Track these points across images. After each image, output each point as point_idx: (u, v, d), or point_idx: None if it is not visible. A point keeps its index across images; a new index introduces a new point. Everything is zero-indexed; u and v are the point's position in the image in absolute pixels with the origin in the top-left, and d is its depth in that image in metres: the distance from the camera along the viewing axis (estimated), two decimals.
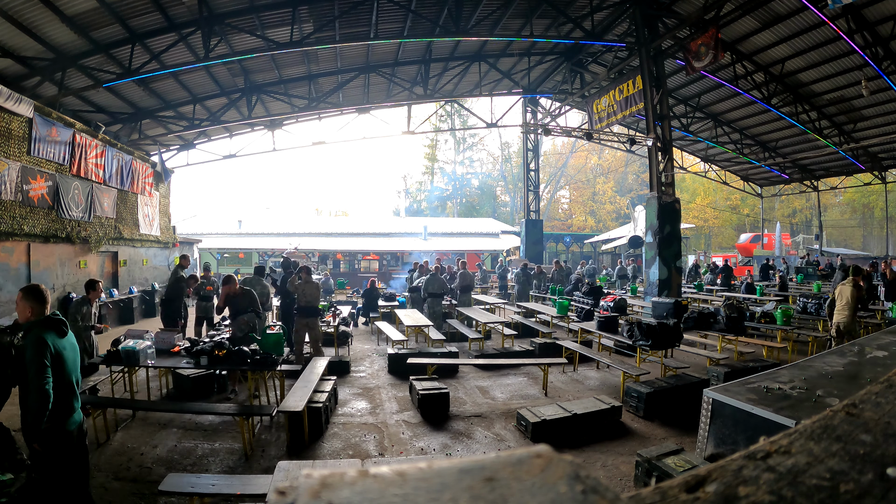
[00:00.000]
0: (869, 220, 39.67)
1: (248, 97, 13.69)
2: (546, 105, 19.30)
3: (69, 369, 2.88)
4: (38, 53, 9.16)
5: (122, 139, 13.18)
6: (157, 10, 9.17)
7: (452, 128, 39.50)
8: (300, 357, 7.17)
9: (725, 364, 6.75)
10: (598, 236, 30.45)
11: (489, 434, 5.09)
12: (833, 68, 13.27)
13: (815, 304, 9.30)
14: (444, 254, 24.20)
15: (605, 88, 13.73)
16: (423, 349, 8.40)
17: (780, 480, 0.42)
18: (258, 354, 5.42)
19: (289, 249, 19.50)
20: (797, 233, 35.91)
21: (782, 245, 26.01)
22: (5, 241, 8.58)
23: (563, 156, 43.18)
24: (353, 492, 0.36)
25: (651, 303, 9.20)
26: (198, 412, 5.15)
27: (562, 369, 7.53)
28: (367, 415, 5.67)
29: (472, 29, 11.81)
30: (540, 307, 11.81)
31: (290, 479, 2.33)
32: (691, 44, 10.68)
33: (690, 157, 24.13)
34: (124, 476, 4.02)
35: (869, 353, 4.45)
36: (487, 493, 0.36)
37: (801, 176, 22.81)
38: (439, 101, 17.86)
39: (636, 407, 5.58)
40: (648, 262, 11.33)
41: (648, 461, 3.64)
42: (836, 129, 16.79)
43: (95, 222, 11.51)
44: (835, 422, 0.51)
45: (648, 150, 11.52)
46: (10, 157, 8.78)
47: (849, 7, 10.20)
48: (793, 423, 2.85)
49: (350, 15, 10.80)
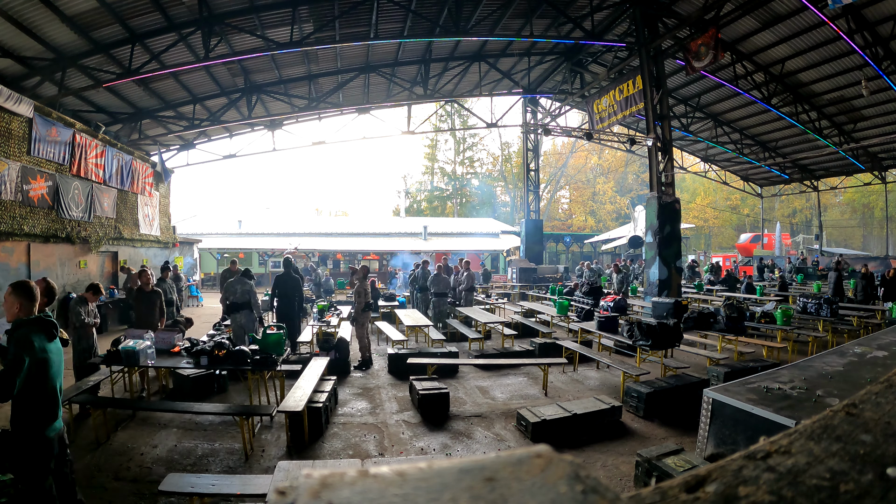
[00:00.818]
0: (869, 220, 39.67)
1: (248, 97, 13.69)
2: (546, 105, 19.31)
3: (53, 374, 2.70)
4: (38, 53, 9.16)
5: (122, 139, 13.18)
6: (157, 10, 9.17)
7: (452, 128, 39.53)
8: (366, 355, 7.81)
9: (725, 364, 6.75)
10: (598, 236, 30.45)
11: (489, 434, 5.09)
12: (833, 68, 13.28)
13: (815, 304, 9.31)
14: (445, 254, 24.23)
15: (606, 88, 13.73)
16: (423, 349, 8.40)
17: (780, 480, 0.42)
18: (258, 354, 5.42)
19: (289, 249, 19.51)
20: (797, 233, 35.93)
21: (782, 245, 26.03)
22: (5, 241, 8.58)
23: (563, 156, 43.20)
24: (353, 492, 0.36)
25: (651, 303, 9.20)
26: (198, 412, 5.15)
27: (562, 369, 7.53)
28: (367, 415, 5.67)
29: (472, 29, 11.82)
30: (540, 307, 11.81)
31: (290, 479, 2.33)
32: (691, 44, 10.69)
33: (690, 157, 24.14)
34: (124, 476, 4.02)
35: (869, 353, 4.45)
36: (487, 493, 0.36)
37: (801, 176, 22.82)
38: (439, 101, 17.87)
39: (636, 407, 5.58)
40: (648, 262, 11.34)
41: (648, 461, 3.64)
42: (836, 129, 16.80)
43: (95, 222, 11.52)
44: (835, 422, 0.51)
45: (648, 150, 11.52)
46: (11, 157, 8.78)
47: (849, 7, 10.20)
48: (793, 423, 2.85)
49: (350, 15, 10.80)
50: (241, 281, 7.53)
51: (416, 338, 9.90)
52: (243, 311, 7.37)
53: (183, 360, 5.46)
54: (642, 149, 17.60)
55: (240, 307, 7.37)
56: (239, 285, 7.46)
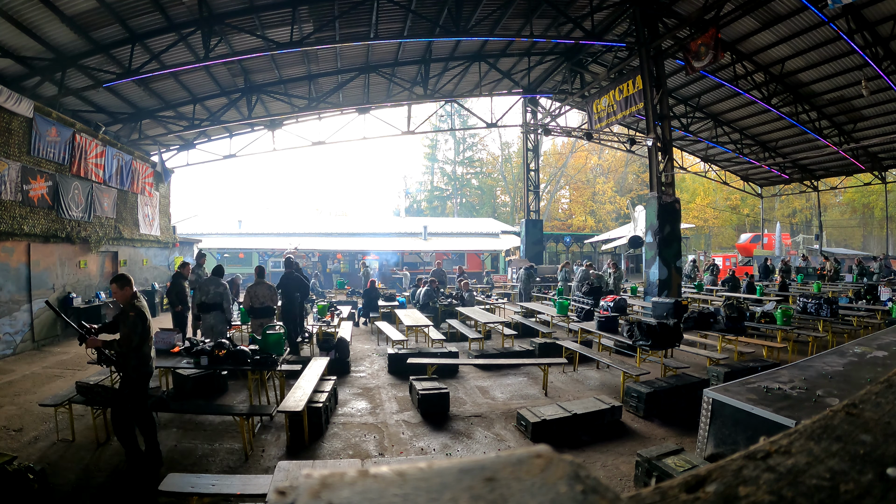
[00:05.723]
0: (869, 220, 39.65)
1: (248, 97, 13.69)
2: (546, 105, 19.31)
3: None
4: (38, 53, 9.16)
5: (122, 139, 13.18)
6: (157, 10, 9.16)
7: (452, 128, 39.52)
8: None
9: (725, 364, 6.75)
10: (598, 236, 30.43)
11: (489, 434, 5.09)
12: (833, 68, 13.28)
13: (815, 304, 9.31)
14: (445, 254, 24.23)
15: (605, 88, 13.73)
16: (422, 349, 8.40)
17: (780, 480, 0.42)
18: (258, 354, 5.42)
19: (289, 249, 19.51)
20: (797, 233, 35.91)
21: (782, 245, 26.00)
22: (5, 241, 8.58)
23: (563, 156, 43.17)
24: (353, 492, 0.36)
25: (651, 303, 9.21)
26: (197, 412, 5.15)
27: (562, 369, 7.53)
28: (367, 415, 5.67)
29: (472, 29, 11.82)
30: (540, 307, 11.81)
31: (290, 479, 2.32)
32: (691, 44, 10.68)
33: (690, 157, 24.13)
34: (124, 476, 4.02)
35: (869, 353, 4.45)
36: (487, 493, 0.36)
37: (801, 176, 22.82)
38: (439, 101, 17.85)
39: (636, 407, 5.58)
40: (648, 262, 11.34)
41: (648, 461, 3.64)
42: (836, 129, 16.80)
43: (95, 222, 11.51)
44: (835, 422, 0.51)
45: (648, 150, 11.52)
46: (10, 157, 8.78)
47: (849, 7, 10.20)
48: (793, 423, 2.85)
49: (350, 15, 10.79)
50: (215, 281, 7.46)
51: (416, 338, 9.90)
52: (214, 311, 7.33)
53: (183, 360, 5.46)
54: (642, 149, 17.61)
55: (210, 308, 7.33)
56: (212, 285, 7.38)
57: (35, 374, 7.35)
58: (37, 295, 9.27)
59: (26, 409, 5.62)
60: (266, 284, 7.71)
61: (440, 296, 12.15)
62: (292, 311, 8.14)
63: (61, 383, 6.65)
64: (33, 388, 6.52)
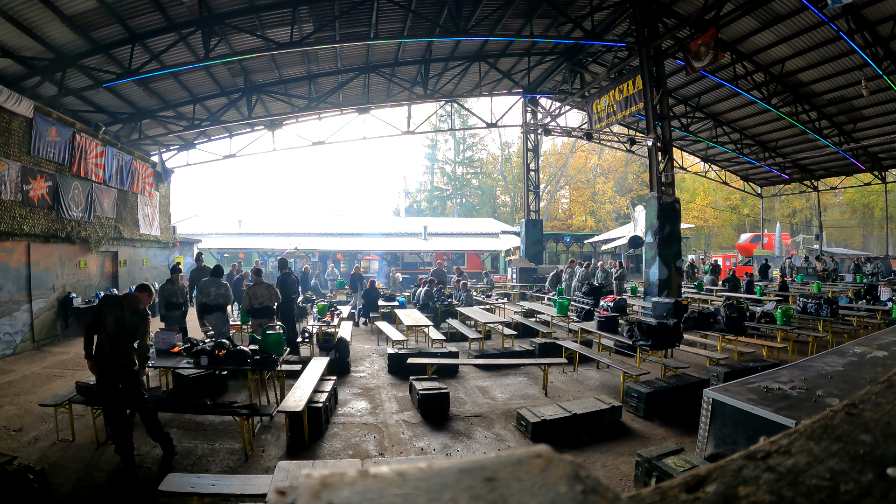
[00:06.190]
0: (869, 220, 39.64)
1: (248, 97, 13.68)
2: (546, 105, 19.30)
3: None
4: (38, 53, 9.16)
5: (122, 139, 13.17)
6: (157, 10, 9.16)
7: (452, 128, 39.52)
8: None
9: (725, 364, 6.74)
10: (598, 236, 30.43)
11: (489, 434, 5.09)
12: (833, 68, 13.27)
13: (815, 305, 9.30)
14: (444, 254, 24.22)
15: (605, 88, 13.73)
16: (422, 349, 8.40)
17: (780, 480, 0.42)
18: (258, 354, 5.42)
19: (289, 249, 19.52)
20: (797, 233, 35.93)
21: (782, 245, 26.00)
22: (5, 241, 8.58)
23: (563, 156, 43.17)
24: (353, 492, 0.36)
25: (651, 303, 9.21)
26: (197, 412, 5.15)
27: (562, 369, 7.53)
28: (367, 415, 5.67)
29: (472, 29, 11.81)
30: (540, 307, 11.81)
31: (290, 479, 2.32)
32: (691, 44, 10.68)
33: (690, 157, 24.12)
34: (124, 476, 4.02)
35: (869, 353, 4.45)
36: (487, 494, 0.36)
37: (801, 176, 22.81)
38: (439, 101, 17.85)
39: (636, 407, 5.58)
40: (648, 262, 11.34)
41: (648, 461, 3.64)
42: (836, 129, 16.79)
43: (95, 222, 11.51)
44: (835, 422, 0.51)
45: (648, 150, 11.52)
46: (10, 157, 8.78)
47: (849, 7, 10.20)
48: (793, 423, 2.85)
49: (350, 15, 10.79)
50: (216, 282, 7.45)
51: (416, 338, 9.90)
52: (216, 312, 7.33)
53: (183, 360, 5.46)
54: (642, 149, 17.61)
55: (212, 309, 7.33)
56: (213, 287, 7.38)
57: (35, 374, 7.36)
58: (37, 295, 9.27)
59: (26, 409, 5.62)
60: (265, 284, 7.70)
61: (441, 295, 12.16)
62: (290, 311, 8.16)
63: (61, 383, 6.65)
64: (33, 388, 6.52)
